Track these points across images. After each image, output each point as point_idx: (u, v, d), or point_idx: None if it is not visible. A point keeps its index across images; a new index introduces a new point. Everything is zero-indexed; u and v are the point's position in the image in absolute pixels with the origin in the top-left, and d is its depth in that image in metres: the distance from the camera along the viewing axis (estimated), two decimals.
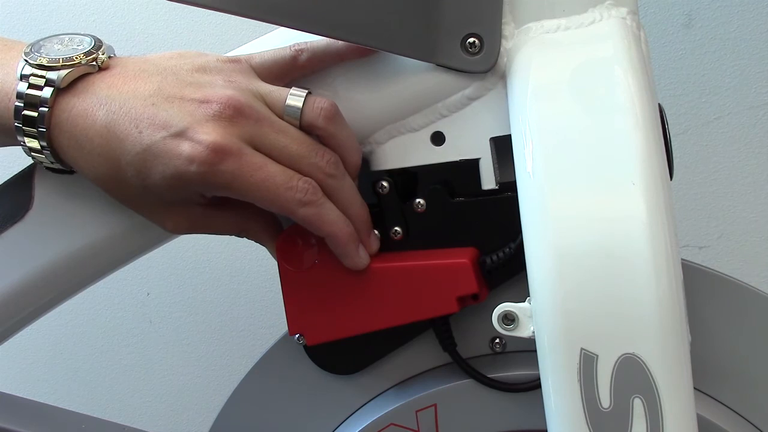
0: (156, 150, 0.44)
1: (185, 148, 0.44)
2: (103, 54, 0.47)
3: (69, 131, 0.46)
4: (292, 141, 0.46)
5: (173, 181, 0.45)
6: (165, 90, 0.45)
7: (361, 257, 0.49)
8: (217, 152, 0.44)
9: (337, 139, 0.47)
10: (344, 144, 0.48)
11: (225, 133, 0.44)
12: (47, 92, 0.45)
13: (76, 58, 0.46)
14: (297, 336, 0.52)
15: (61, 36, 0.48)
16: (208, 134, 0.44)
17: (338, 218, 0.47)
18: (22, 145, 0.47)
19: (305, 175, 0.46)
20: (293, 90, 0.47)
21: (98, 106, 0.45)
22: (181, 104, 0.45)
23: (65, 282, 0.52)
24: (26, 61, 0.46)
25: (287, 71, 0.49)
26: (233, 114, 0.45)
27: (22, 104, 0.46)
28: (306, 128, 0.47)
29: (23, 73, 0.46)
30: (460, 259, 0.48)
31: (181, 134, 0.44)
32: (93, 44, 0.47)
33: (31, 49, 0.47)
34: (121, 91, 0.46)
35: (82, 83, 0.46)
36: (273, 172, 0.45)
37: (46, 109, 0.45)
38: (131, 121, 0.45)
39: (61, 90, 0.46)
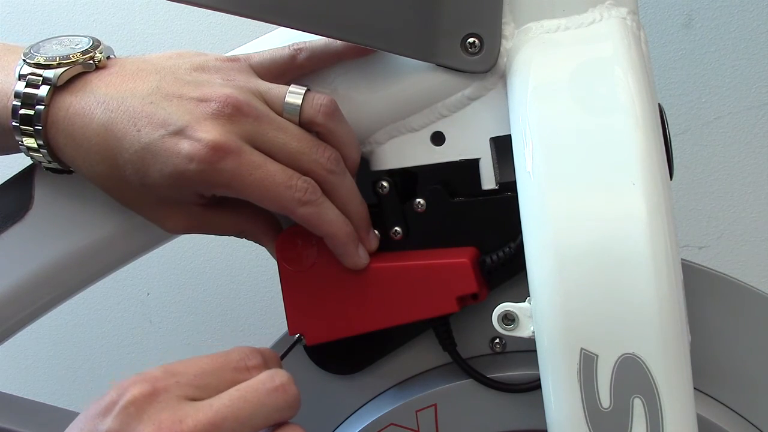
0: (154, 148, 0.44)
1: (184, 146, 0.44)
2: (100, 53, 0.47)
3: (66, 129, 0.46)
4: (292, 138, 0.46)
5: (172, 180, 0.45)
6: (164, 89, 0.45)
7: (360, 257, 0.49)
8: (217, 150, 0.44)
9: (337, 135, 0.47)
10: (344, 140, 0.48)
11: (224, 132, 0.44)
12: (44, 90, 0.45)
13: (73, 56, 0.46)
14: (297, 336, 0.52)
15: (61, 37, 0.48)
16: (208, 132, 0.44)
17: (337, 218, 0.47)
18: (20, 144, 0.47)
19: (305, 172, 0.46)
20: (292, 87, 0.47)
21: (96, 104, 0.45)
22: (179, 103, 0.45)
23: (65, 282, 0.52)
24: (24, 60, 0.46)
25: (286, 70, 0.49)
26: (232, 112, 0.44)
27: (19, 103, 0.46)
28: (305, 125, 0.47)
29: (21, 72, 0.46)
30: (460, 258, 0.48)
31: (179, 132, 0.44)
32: (91, 44, 0.48)
33: (30, 50, 0.47)
34: (119, 89, 0.46)
35: (79, 82, 0.46)
36: (272, 170, 0.45)
37: (43, 107, 0.45)
38: (129, 120, 0.45)
39: (57, 88, 0.46)
